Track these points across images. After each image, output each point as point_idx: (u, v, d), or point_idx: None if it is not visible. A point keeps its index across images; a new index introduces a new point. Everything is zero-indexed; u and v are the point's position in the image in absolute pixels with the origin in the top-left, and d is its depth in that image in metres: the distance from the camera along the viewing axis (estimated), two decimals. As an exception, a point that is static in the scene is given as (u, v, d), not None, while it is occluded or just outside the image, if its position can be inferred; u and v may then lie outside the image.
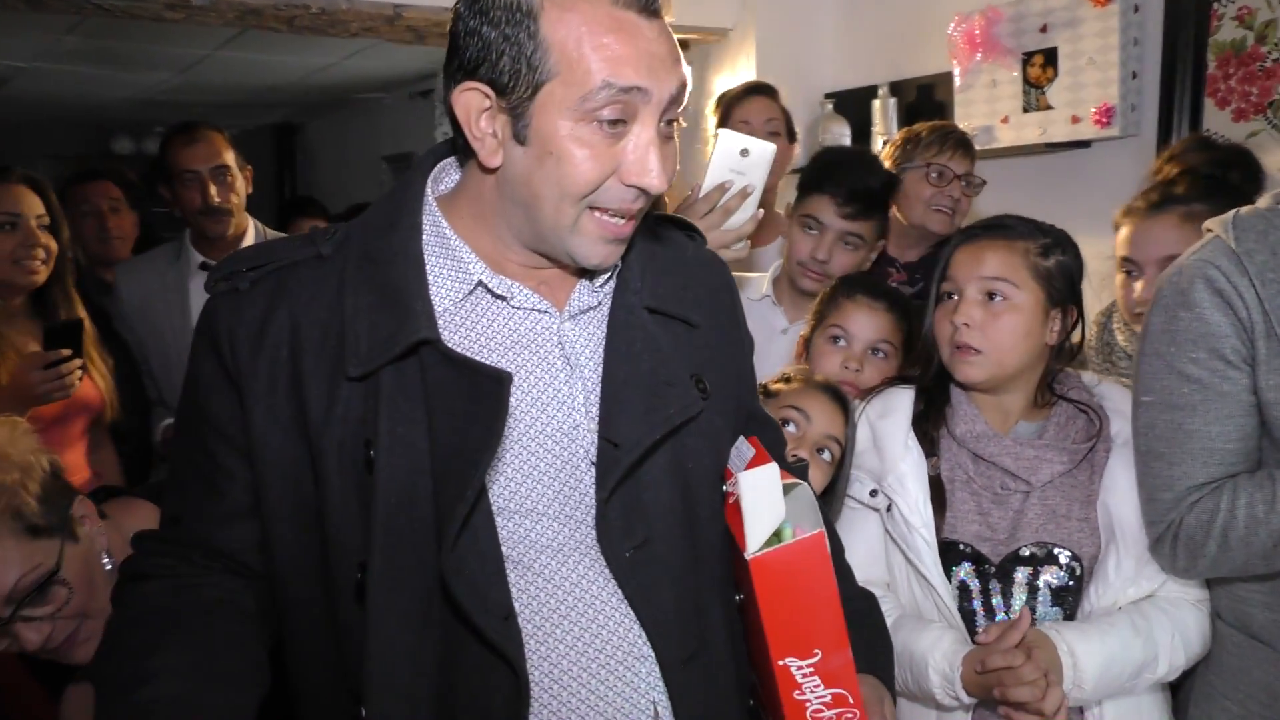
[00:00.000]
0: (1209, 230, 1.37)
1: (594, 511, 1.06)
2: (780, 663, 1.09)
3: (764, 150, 1.66)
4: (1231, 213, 1.37)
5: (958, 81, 3.31)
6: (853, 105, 3.67)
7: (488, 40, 0.97)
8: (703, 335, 1.17)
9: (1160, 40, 2.89)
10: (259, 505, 1.06)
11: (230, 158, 2.78)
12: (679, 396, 1.09)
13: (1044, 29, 3.05)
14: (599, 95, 0.95)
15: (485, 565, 1.00)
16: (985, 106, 3.23)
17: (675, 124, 1.03)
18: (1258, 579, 1.39)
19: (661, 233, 1.22)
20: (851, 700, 1.10)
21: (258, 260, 1.07)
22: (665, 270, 1.17)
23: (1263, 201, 1.38)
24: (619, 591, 1.06)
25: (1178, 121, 2.88)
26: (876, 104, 3.61)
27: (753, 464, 1.10)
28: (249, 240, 2.81)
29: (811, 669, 1.09)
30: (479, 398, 0.99)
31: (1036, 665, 1.28)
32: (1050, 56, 3.05)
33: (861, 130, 3.63)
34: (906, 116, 3.59)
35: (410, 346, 1.00)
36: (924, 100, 3.58)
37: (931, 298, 1.56)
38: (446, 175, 1.15)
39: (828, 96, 3.75)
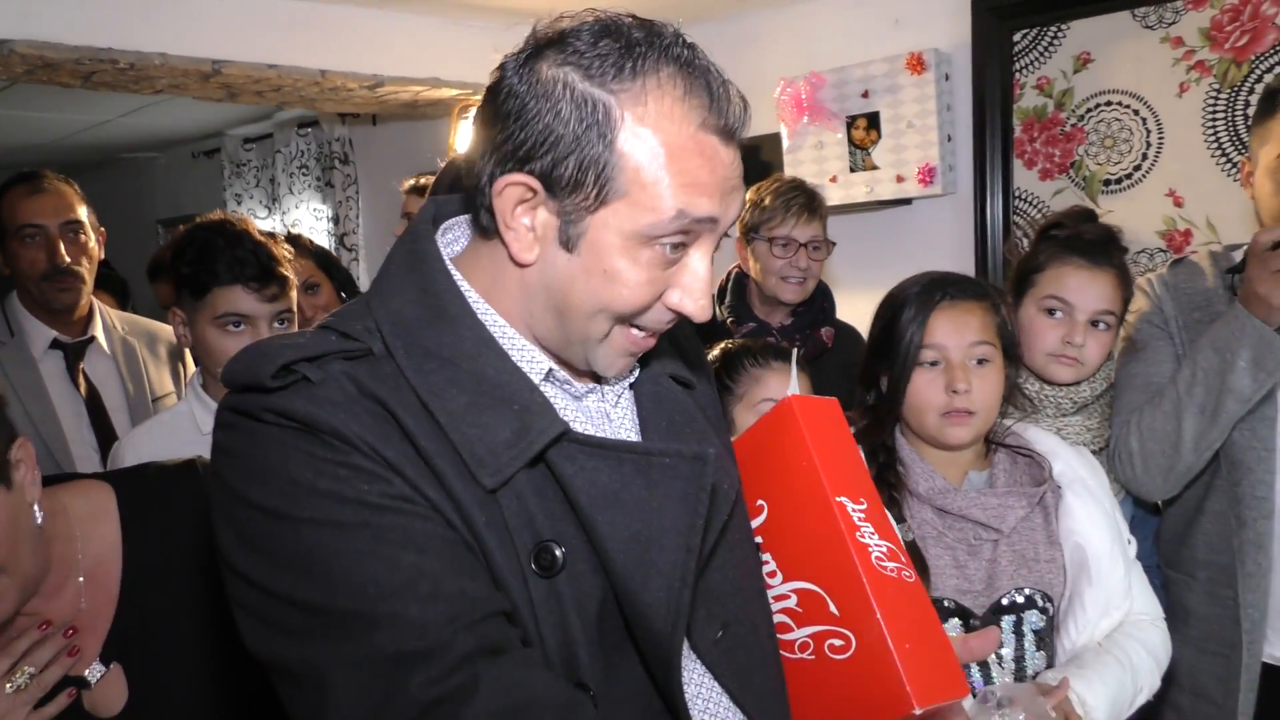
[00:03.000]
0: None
1: None
2: (837, 499, 1.07)
3: None
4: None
5: (786, 143, 3.46)
6: (683, 165, 3.74)
7: (552, 133, 0.86)
8: (699, 395, 1.12)
9: (970, 106, 3.15)
10: None
11: (84, 213, 2.33)
12: (726, 469, 1.04)
13: (865, 94, 3.25)
14: (670, 224, 0.87)
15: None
16: (814, 166, 3.38)
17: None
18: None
19: None
20: (903, 557, 1.10)
21: (306, 350, 0.88)
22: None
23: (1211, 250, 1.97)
24: (716, 684, 1.00)
25: (991, 181, 3.13)
26: (706, 164, 3.70)
27: None
28: (97, 320, 2.40)
29: (863, 515, 1.08)
30: (658, 482, 0.91)
31: None
32: (873, 120, 3.25)
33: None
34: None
35: (546, 445, 0.89)
36: (751, 160, 3.70)
37: (908, 363, 1.50)
38: (451, 232, 1.02)
39: (656, 157, 3.82)
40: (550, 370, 0.97)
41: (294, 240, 2.80)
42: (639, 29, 0.88)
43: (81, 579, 1.28)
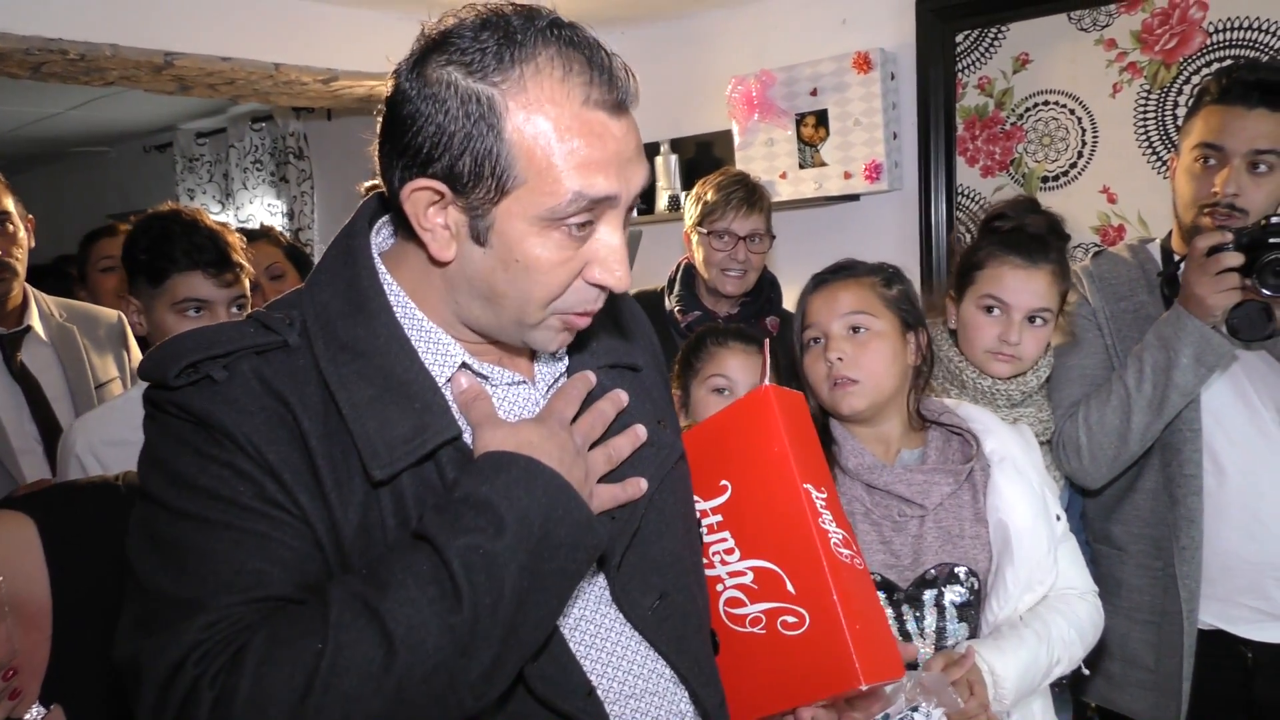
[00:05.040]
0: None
1: (602, 575, 1.04)
2: (804, 486, 1.14)
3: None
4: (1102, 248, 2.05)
5: (737, 139, 3.52)
6: (637, 161, 3.79)
7: (445, 132, 0.89)
8: (646, 377, 1.17)
9: (915, 105, 3.23)
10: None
11: (10, 204, 2.29)
12: (657, 447, 1.09)
13: (814, 92, 3.32)
14: (568, 207, 0.90)
15: (550, 646, 0.96)
16: (764, 163, 3.45)
17: (631, 212, 0.99)
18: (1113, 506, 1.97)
19: None
20: (855, 545, 1.18)
21: (216, 347, 0.92)
22: (602, 319, 1.14)
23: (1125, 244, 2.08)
24: (651, 651, 1.04)
25: (935, 177, 3.22)
26: (659, 160, 3.76)
27: None
28: (32, 308, 2.38)
29: (824, 503, 1.15)
30: None
31: (980, 701, 1.38)
32: (821, 117, 3.32)
33: (646, 186, 3.76)
34: (688, 171, 3.77)
35: (438, 446, 0.93)
36: (704, 156, 3.78)
37: (797, 347, 1.63)
38: (386, 229, 1.06)
39: (611, 153, 3.86)
40: (464, 364, 1.00)
41: (265, 232, 2.86)
42: (518, 16, 0.90)
43: (10, 621, 1.24)
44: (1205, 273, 1.70)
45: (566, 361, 1.11)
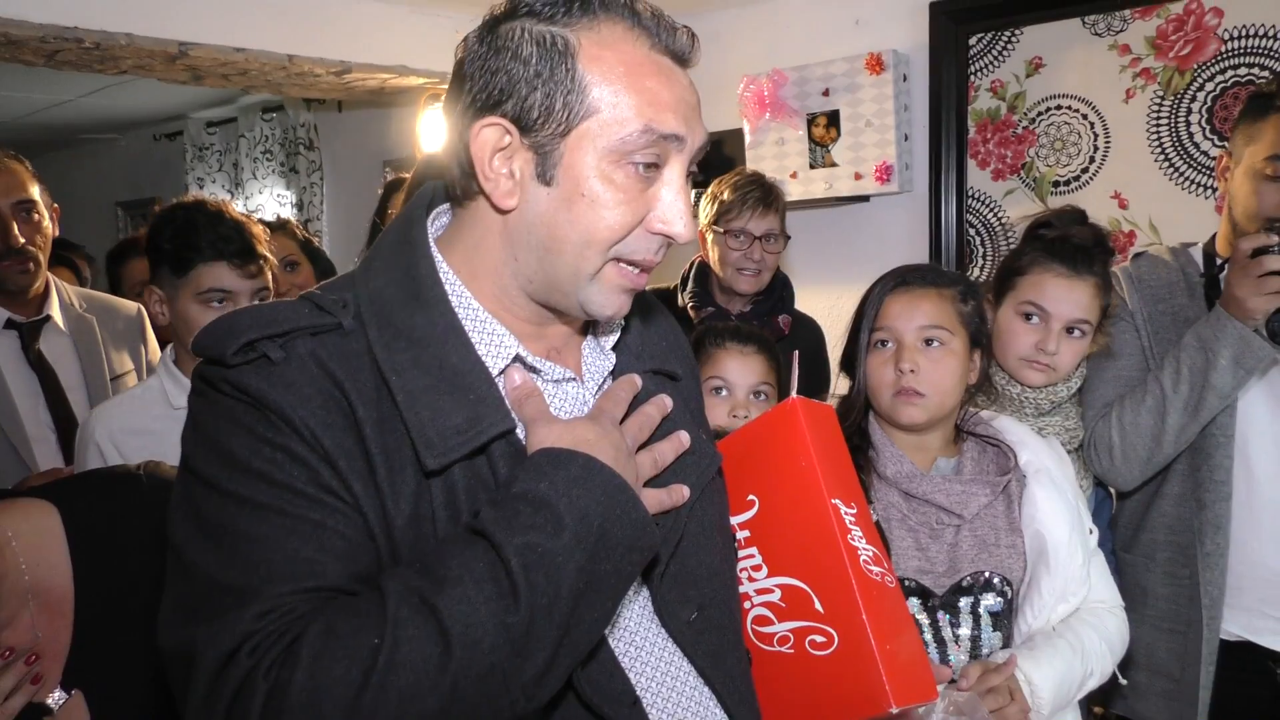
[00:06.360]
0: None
1: (646, 586, 1.03)
2: (832, 501, 1.12)
3: None
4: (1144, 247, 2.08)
5: (748, 138, 3.52)
6: (647, 158, 3.80)
7: (515, 76, 0.91)
8: (685, 386, 1.16)
9: (927, 107, 3.23)
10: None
11: (36, 192, 2.28)
12: (698, 456, 1.08)
13: (826, 93, 3.32)
14: (639, 139, 0.91)
15: (599, 653, 0.96)
16: (774, 162, 3.45)
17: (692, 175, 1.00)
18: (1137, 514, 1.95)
19: None
20: (886, 563, 1.15)
21: (273, 326, 0.91)
22: (646, 323, 1.14)
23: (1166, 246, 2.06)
24: (688, 665, 1.03)
25: (945, 180, 3.22)
26: (670, 157, 3.76)
27: None
28: (53, 298, 2.39)
29: (854, 519, 1.13)
30: None
31: (1021, 706, 1.37)
32: (833, 118, 3.32)
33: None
34: (698, 169, 3.76)
35: (492, 438, 0.93)
36: (714, 155, 3.77)
37: (862, 345, 1.59)
38: (442, 218, 1.06)
39: (621, 149, 3.87)
40: (518, 355, 1.00)
41: (282, 224, 2.88)
42: None
43: (33, 607, 1.25)
44: (1248, 275, 1.67)
45: (614, 361, 1.11)
